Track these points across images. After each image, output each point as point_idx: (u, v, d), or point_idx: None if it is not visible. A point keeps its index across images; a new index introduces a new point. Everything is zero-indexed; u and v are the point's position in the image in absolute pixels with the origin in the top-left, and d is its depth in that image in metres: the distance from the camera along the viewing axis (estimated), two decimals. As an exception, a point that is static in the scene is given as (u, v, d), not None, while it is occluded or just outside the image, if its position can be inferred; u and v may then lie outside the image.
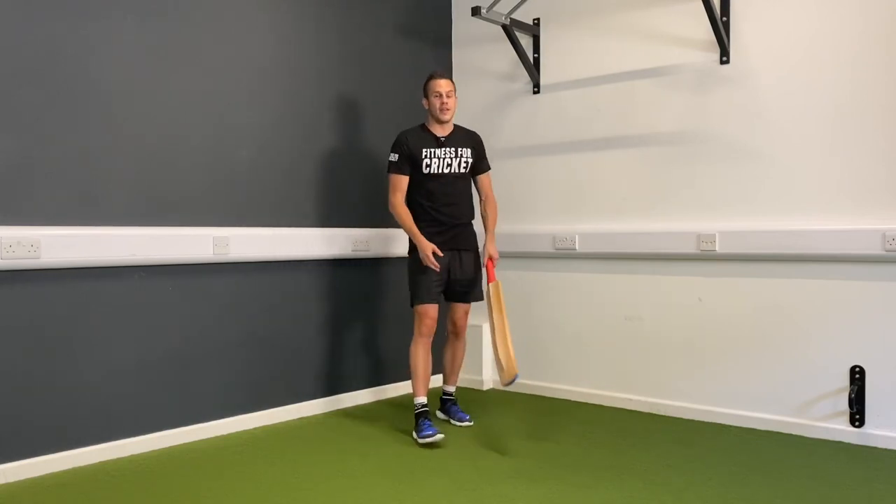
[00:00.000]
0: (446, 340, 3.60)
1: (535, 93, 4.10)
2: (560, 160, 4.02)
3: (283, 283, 3.56)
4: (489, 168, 3.56)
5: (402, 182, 3.36)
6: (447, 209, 3.38)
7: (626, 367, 3.79)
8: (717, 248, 3.41)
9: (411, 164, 3.35)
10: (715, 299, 3.48)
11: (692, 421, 3.49)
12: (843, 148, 3.13)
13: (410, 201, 3.40)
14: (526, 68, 4.05)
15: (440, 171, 3.36)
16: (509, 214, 4.20)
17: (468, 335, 3.66)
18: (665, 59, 3.62)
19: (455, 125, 3.46)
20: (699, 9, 3.37)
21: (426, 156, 3.35)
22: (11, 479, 2.67)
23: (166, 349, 3.12)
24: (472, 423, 3.44)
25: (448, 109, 3.36)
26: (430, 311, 3.35)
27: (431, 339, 3.40)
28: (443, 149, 3.37)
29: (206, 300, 3.26)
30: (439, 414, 3.60)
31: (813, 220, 3.19)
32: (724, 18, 3.39)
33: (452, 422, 3.48)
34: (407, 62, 4.18)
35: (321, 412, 3.69)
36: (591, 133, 3.90)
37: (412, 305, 3.38)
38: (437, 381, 4.43)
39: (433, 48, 4.36)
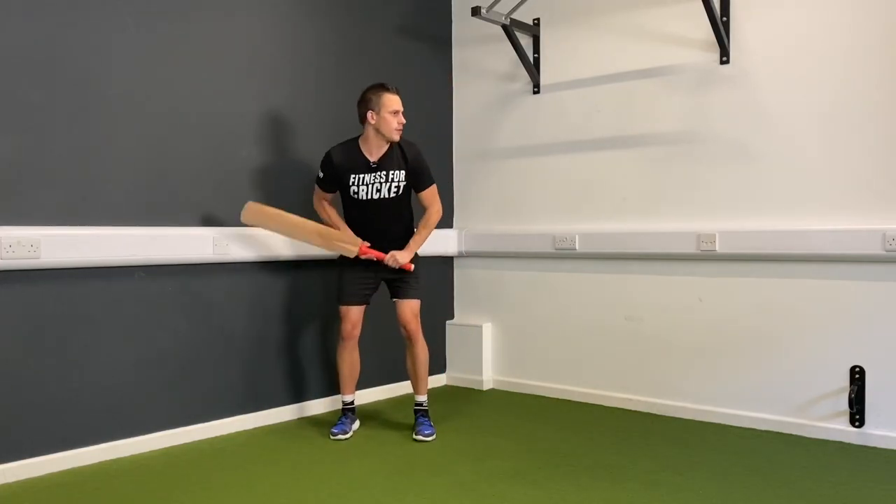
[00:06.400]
0: (405, 347, 3.38)
1: (535, 93, 4.10)
2: (560, 160, 4.02)
3: (283, 283, 3.56)
4: (431, 182, 3.29)
5: (325, 195, 3.29)
6: (377, 234, 3.23)
7: (625, 367, 3.78)
8: (717, 248, 3.41)
9: (338, 185, 3.23)
10: (715, 299, 3.48)
11: (692, 421, 3.49)
12: (843, 148, 3.13)
13: (345, 216, 3.31)
14: (526, 68, 4.04)
15: (368, 196, 3.19)
16: (509, 214, 4.21)
17: (458, 333, 3.59)
18: (665, 59, 3.62)
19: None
20: (699, 9, 3.37)
21: (353, 182, 3.18)
22: (11, 480, 2.67)
23: (166, 349, 3.12)
24: (432, 439, 3.18)
25: (401, 130, 3.16)
26: (350, 312, 3.27)
27: (355, 341, 3.32)
28: (372, 174, 3.17)
29: (206, 300, 3.26)
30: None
31: (813, 220, 3.19)
32: (724, 18, 3.39)
33: (414, 436, 3.21)
34: (407, 62, 4.18)
35: (321, 412, 3.69)
36: (591, 133, 3.90)
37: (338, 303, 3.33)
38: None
39: (433, 48, 4.36)
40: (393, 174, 3.20)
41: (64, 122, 2.82)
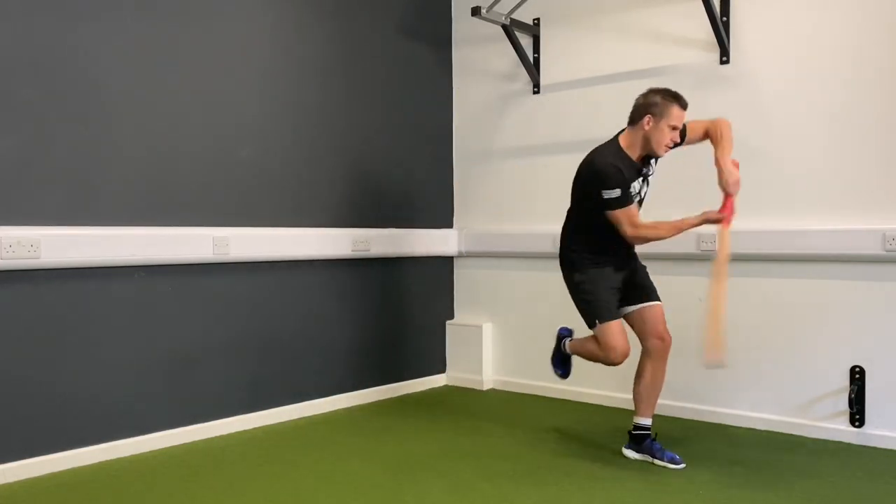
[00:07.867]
0: (644, 358, 2.95)
1: (535, 93, 4.10)
2: (560, 160, 4.01)
3: (283, 283, 3.56)
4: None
5: (633, 211, 2.78)
6: (623, 242, 2.89)
7: (626, 367, 3.77)
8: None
9: None
10: (715, 299, 3.47)
11: (692, 421, 3.49)
12: (843, 148, 3.13)
13: (587, 232, 2.90)
14: (526, 68, 4.04)
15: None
16: (509, 214, 4.21)
17: (459, 333, 3.48)
18: (665, 59, 3.62)
19: None
20: (699, 9, 3.37)
21: (632, 189, 2.83)
22: (11, 479, 2.67)
23: (166, 349, 3.12)
24: (685, 466, 2.77)
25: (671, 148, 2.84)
26: (619, 332, 2.84)
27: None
28: (641, 178, 2.90)
29: (206, 300, 3.26)
30: (631, 454, 2.91)
31: (813, 220, 3.19)
32: (724, 18, 3.39)
33: (659, 463, 2.80)
34: (407, 62, 4.18)
35: (321, 412, 3.69)
36: (591, 133, 3.88)
37: (592, 326, 2.90)
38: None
39: (433, 48, 4.36)
40: (651, 179, 2.96)
41: (64, 122, 2.82)
